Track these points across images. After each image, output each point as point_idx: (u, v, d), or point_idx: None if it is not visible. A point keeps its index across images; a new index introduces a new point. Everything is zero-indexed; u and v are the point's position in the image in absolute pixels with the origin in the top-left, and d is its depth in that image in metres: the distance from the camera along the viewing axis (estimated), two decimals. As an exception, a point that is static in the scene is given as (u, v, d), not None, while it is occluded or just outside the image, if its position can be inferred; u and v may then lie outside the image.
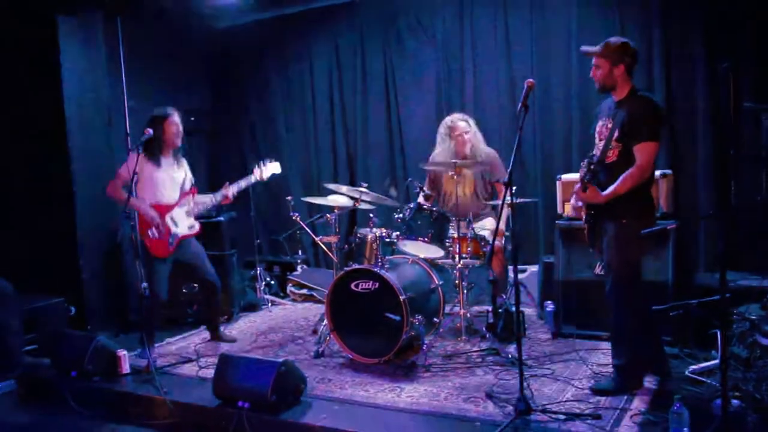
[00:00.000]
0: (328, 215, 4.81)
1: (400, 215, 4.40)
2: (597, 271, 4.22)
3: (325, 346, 4.35)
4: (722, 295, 2.86)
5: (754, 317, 3.43)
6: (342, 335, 4.16)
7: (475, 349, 4.23)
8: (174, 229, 4.43)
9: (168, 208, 4.44)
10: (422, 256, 4.49)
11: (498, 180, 4.79)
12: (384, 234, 4.42)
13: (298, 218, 5.12)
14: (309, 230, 5.40)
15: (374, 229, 4.49)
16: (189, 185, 4.59)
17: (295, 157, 6.65)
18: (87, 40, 5.27)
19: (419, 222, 4.32)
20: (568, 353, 4.09)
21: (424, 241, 4.31)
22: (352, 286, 4.10)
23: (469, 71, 5.66)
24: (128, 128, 5.34)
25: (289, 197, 5.24)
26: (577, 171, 3.51)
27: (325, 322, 4.33)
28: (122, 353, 4.15)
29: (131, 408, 3.83)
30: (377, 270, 4.04)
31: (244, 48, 6.71)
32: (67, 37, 5.09)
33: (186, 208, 4.53)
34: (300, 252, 6.38)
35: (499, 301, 4.38)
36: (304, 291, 6.05)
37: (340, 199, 4.84)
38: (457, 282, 4.42)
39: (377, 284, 4.02)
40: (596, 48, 3.36)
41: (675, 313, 3.83)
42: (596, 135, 3.50)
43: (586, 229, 3.52)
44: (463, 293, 4.43)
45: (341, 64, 6.33)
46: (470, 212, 4.72)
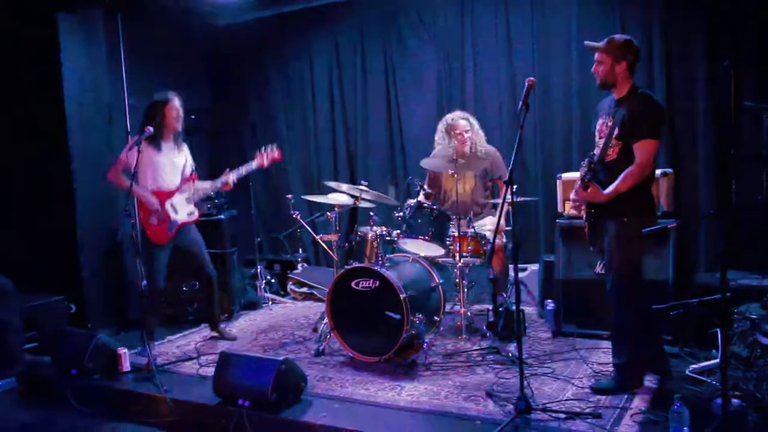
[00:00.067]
0: (329, 213, 4.80)
1: (401, 213, 4.40)
2: (597, 269, 4.22)
3: (325, 344, 4.35)
4: (723, 294, 2.86)
5: (754, 316, 3.44)
6: (342, 334, 4.16)
7: (475, 347, 4.23)
8: (173, 216, 4.44)
9: (168, 194, 4.45)
10: (422, 255, 4.48)
11: (499, 177, 4.79)
12: (384, 232, 4.42)
13: (299, 216, 5.13)
14: (309, 228, 5.40)
15: (375, 228, 4.48)
16: (189, 170, 4.59)
17: (296, 155, 6.64)
18: (87, 38, 5.26)
19: (420, 220, 4.33)
20: (568, 352, 4.09)
21: (424, 239, 4.31)
22: (353, 284, 4.10)
23: (469, 69, 5.65)
24: (129, 126, 5.34)
25: (289, 195, 5.26)
26: (577, 170, 3.50)
27: (326, 320, 4.33)
28: (122, 351, 4.15)
29: (131, 406, 3.83)
30: (378, 268, 4.03)
31: (244, 46, 6.70)
32: (67, 35, 5.07)
33: (186, 194, 4.54)
34: (300, 250, 6.37)
35: (499, 299, 4.38)
36: (305, 289, 6.05)
37: (340, 197, 4.83)
38: (458, 280, 4.42)
39: (378, 283, 4.02)
40: (600, 43, 3.36)
41: (675, 312, 3.83)
42: (596, 133, 3.50)
43: (587, 227, 3.52)
44: (464, 292, 4.42)
45: (341, 62, 6.32)
46: (470, 210, 4.73)
